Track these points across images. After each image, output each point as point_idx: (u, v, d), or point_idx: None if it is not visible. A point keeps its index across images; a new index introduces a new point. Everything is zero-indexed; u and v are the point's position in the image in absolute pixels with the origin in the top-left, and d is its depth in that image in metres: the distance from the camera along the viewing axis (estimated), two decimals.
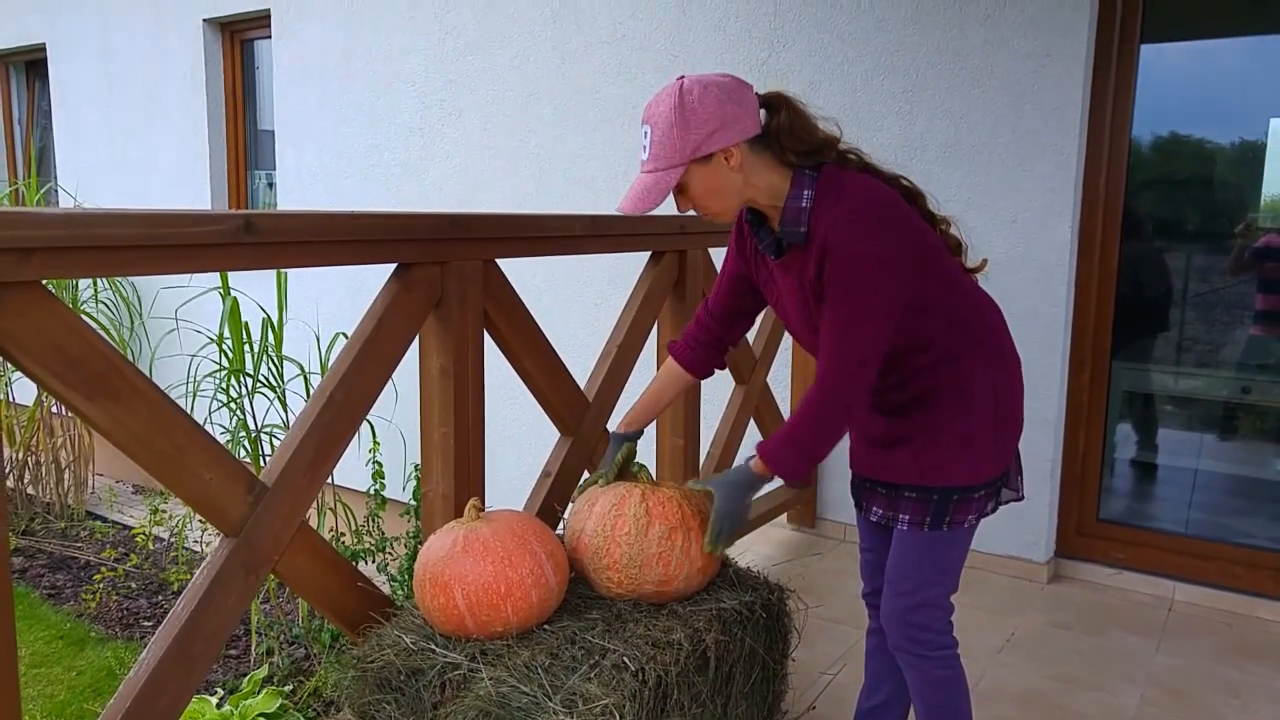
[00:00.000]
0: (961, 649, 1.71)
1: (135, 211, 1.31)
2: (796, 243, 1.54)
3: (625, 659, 1.57)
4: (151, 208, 1.35)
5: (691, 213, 1.59)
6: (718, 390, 3.01)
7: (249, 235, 1.43)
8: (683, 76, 1.49)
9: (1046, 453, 2.98)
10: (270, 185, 5.30)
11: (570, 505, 1.95)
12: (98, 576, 4.47)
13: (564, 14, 3.82)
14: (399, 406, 3.92)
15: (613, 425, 2.33)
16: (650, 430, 2.64)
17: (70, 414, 5.48)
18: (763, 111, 1.53)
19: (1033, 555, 3.02)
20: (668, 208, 1.57)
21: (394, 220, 1.69)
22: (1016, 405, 1.67)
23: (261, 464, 3.91)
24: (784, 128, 1.50)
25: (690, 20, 3.51)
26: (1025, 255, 2.92)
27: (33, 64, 6.47)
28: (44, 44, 6.05)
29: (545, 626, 1.68)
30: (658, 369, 2.59)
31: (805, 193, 1.51)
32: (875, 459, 1.69)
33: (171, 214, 1.35)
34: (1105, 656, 2.54)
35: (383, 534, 3.59)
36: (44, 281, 1.22)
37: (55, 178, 6.20)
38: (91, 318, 5.24)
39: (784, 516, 3.42)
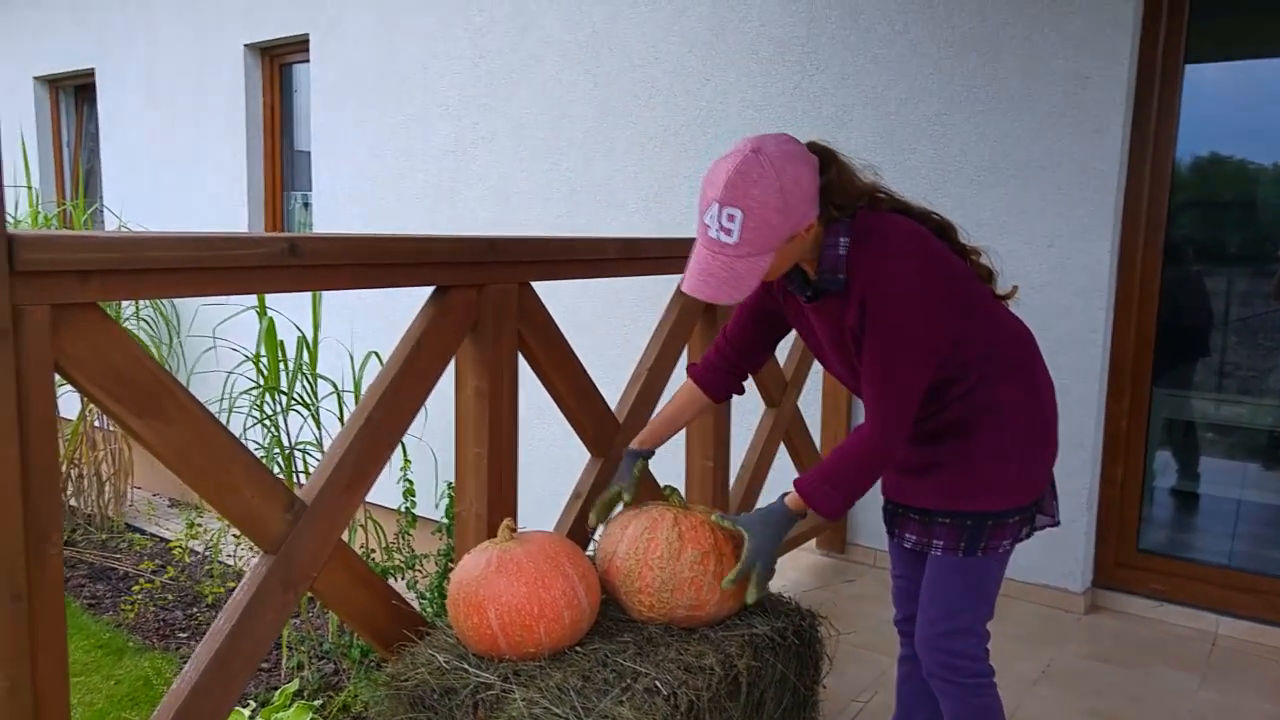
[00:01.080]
0: (996, 679, 1.69)
1: (186, 235, 1.34)
2: (835, 290, 1.53)
3: (657, 683, 1.57)
4: (199, 231, 1.39)
5: None
6: (747, 413, 3.01)
7: (293, 258, 1.46)
8: (758, 148, 1.42)
9: (1084, 480, 2.94)
10: (306, 206, 5.40)
11: (600, 526, 1.96)
12: (136, 588, 4.54)
13: (597, 38, 3.87)
14: (428, 424, 3.96)
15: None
16: (679, 452, 2.66)
17: (111, 428, 5.58)
18: None
19: (1069, 585, 2.97)
20: (692, 228, 1.56)
21: (433, 243, 1.72)
22: (1050, 430, 1.66)
23: (295, 480, 3.96)
24: (834, 185, 1.50)
25: (723, 44, 3.54)
26: (1062, 279, 2.90)
27: (82, 88, 6.65)
28: (93, 69, 6.23)
29: (577, 648, 1.68)
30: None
31: (841, 240, 1.50)
32: (908, 485, 1.68)
33: (220, 237, 1.39)
34: (1147, 691, 2.48)
35: (412, 551, 3.62)
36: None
37: (101, 198, 6.35)
38: (133, 335, 5.35)
39: (813, 541, 3.40)
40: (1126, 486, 3.01)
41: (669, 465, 2.54)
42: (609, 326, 3.93)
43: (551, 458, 3.95)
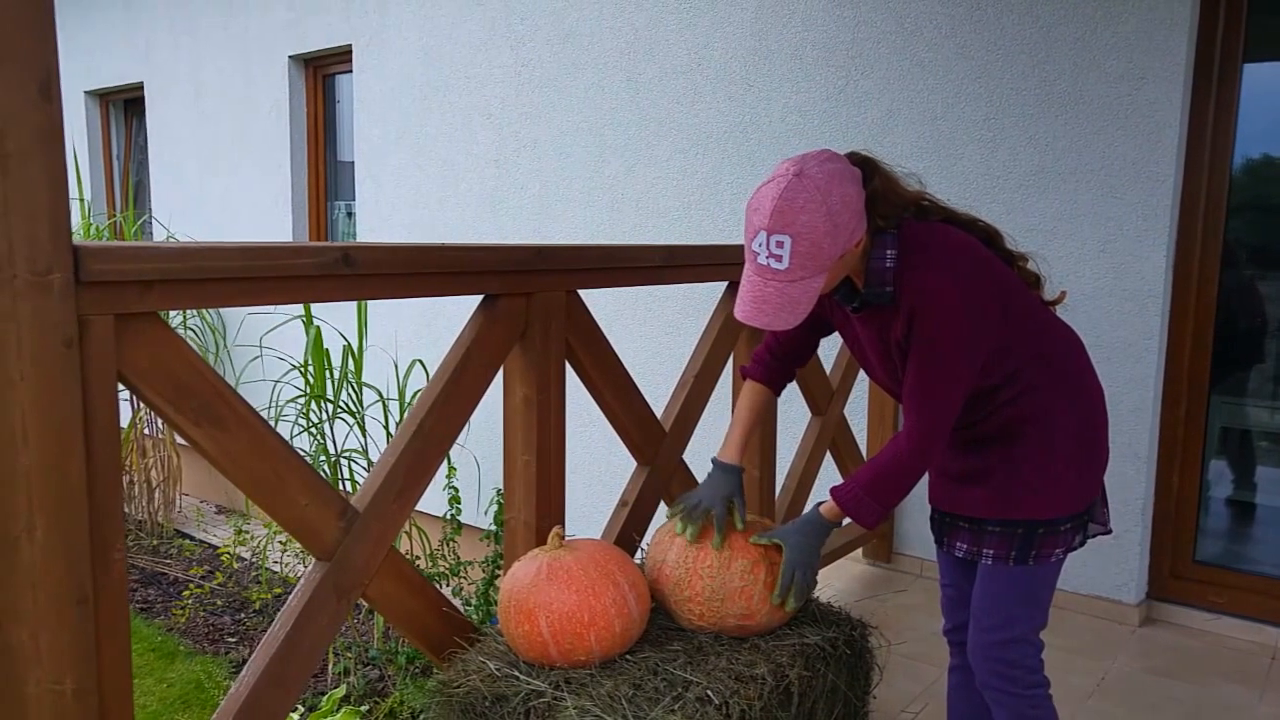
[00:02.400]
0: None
1: (242, 245, 1.36)
2: (883, 302, 1.53)
3: (709, 692, 1.56)
4: (254, 241, 1.41)
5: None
6: (793, 422, 2.98)
7: (346, 267, 1.47)
8: (800, 171, 1.42)
9: (1138, 490, 2.87)
10: (349, 215, 5.47)
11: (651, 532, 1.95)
12: (186, 593, 4.62)
13: (638, 44, 3.88)
14: (471, 432, 3.99)
15: (690, 455, 2.34)
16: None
17: (161, 435, 5.70)
18: None
19: (1123, 597, 2.90)
20: (741, 235, 1.55)
21: (482, 253, 1.72)
22: (1100, 436, 1.64)
23: (341, 487, 4.00)
24: (878, 194, 1.49)
25: (766, 48, 3.52)
26: (1115, 285, 2.84)
27: (131, 102, 6.82)
28: (141, 83, 6.38)
29: (627, 657, 1.67)
30: (733, 399, 2.59)
31: (888, 252, 1.50)
32: (957, 493, 1.67)
33: (275, 247, 1.40)
34: (1204, 706, 2.41)
35: (458, 558, 3.64)
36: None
37: (150, 210, 6.50)
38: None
39: (859, 551, 3.36)
40: (1183, 496, 2.94)
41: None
42: (651, 334, 3.93)
43: (593, 466, 3.95)
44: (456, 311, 1.75)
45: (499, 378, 1.85)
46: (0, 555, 1.08)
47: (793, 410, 2.97)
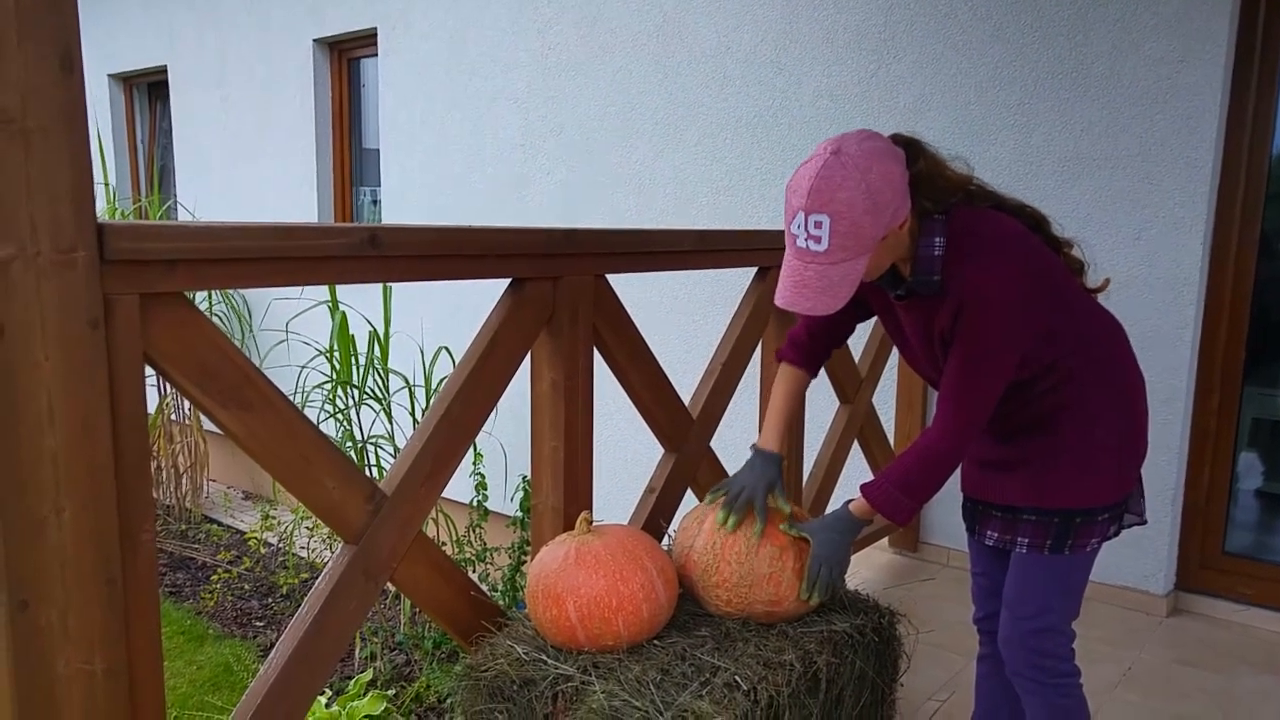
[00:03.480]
0: None
1: (268, 225, 1.35)
2: (930, 292, 1.50)
3: (737, 678, 1.54)
4: (281, 222, 1.40)
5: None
6: (821, 410, 2.95)
7: (373, 248, 1.46)
8: (838, 149, 1.38)
9: (1169, 480, 2.82)
10: (375, 202, 5.48)
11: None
12: (214, 577, 4.67)
13: (667, 28, 3.84)
14: (498, 420, 3.98)
15: (717, 442, 2.31)
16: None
17: (188, 421, 5.75)
18: None
19: (1151, 587, 2.86)
20: (773, 223, 1.52)
21: (510, 235, 1.71)
22: (1140, 426, 1.62)
23: (368, 473, 4.02)
24: (923, 177, 1.45)
25: (797, 32, 3.47)
26: (1150, 273, 2.78)
27: (154, 85, 6.84)
28: (165, 66, 6.40)
29: (655, 642, 1.66)
30: (762, 386, 2.56)
31: (937, 239, 1.46)
32: (992, 481, 1.64)
33: (302, 227, 1.39)
34: (1233, 697, 2.37)
35: (484, 545, 3.64)
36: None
37: (175, 194, 6.54)
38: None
39: (885, 540, 3.32)
40: (1214, 487, 2.88)
41: (741, 459, 2.51)
42: (679, 319, 3.90)
43: (620, 452, 3.94)
44: (482, 299, 1.73)
45: (526, 363, 1.84)
46: (29, 536, 1.08)
47: (820, 398, 2.94)
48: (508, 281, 1.77)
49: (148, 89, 6.95)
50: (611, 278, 1.95)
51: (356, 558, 1.54)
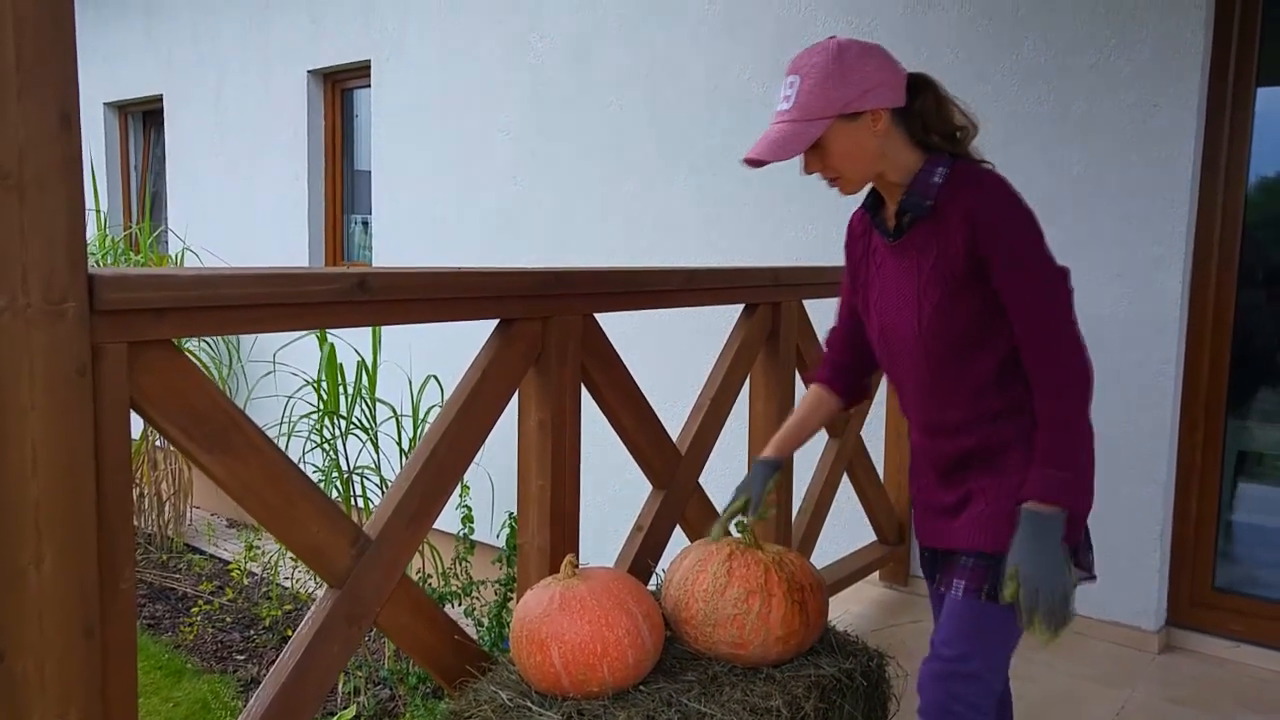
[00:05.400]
0: None
1: (258, 272, 1.35)
2: (920, 217, 1.47)
3: None
4: (270, 267, 1.40)
5: (817, 177, 1.50)
6: (808, 444, 2.95)
7: (362, 293, 1.46)
8: (833, 37, 1.46)
9: (1156, 515, 2.83)
10: (365, 227, 5.49)
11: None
12: (195, 609, 4.61)
13: (657, 65, 3.88)
14: (486, 450, 3.97)
15: (706, 479, 2.31)
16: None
17: (171, 449, 5.71)
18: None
19: (1142, 623, 2.86)
20: (759, 258, 1.53)
21: (499, 278, 1.71)
22: (1090, 478, 1.53)
23: (353, 504, 3.99)
24: (929, 109, 1.47)
25: (784, 70, 3.51)
26: (1131, 310, 2.81)
27: (150, 114, 6.87)
28: (161, 95, 6.43)
29: (641, 687, 1.65)
30: (750, 421, 2.57)
31: (939, 169, 1.46)
32: (944, 527, 1.57)
33: (291, 274, 1.39)
34: None
35: (470, 578, 3.62)
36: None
37: (166, 221, 6.54)
38: (194, 356, 5.47)
39: (876, 574, 3.32)
40: (1201, 521, 2.89)
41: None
42: (665, 355, 3.91)
43: (606, 488, 3.93)
44: (471, 329, 1.73)
45: (515, 398, 1.84)
46: (7, 586, 1.06)
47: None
48: (497, 321, 1.77)
49: (143, 116, 6.97)
50: (600, 314, 1.95)
51: (340, 602, 1.53)
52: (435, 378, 4.17)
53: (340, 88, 5.44)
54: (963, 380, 1.50)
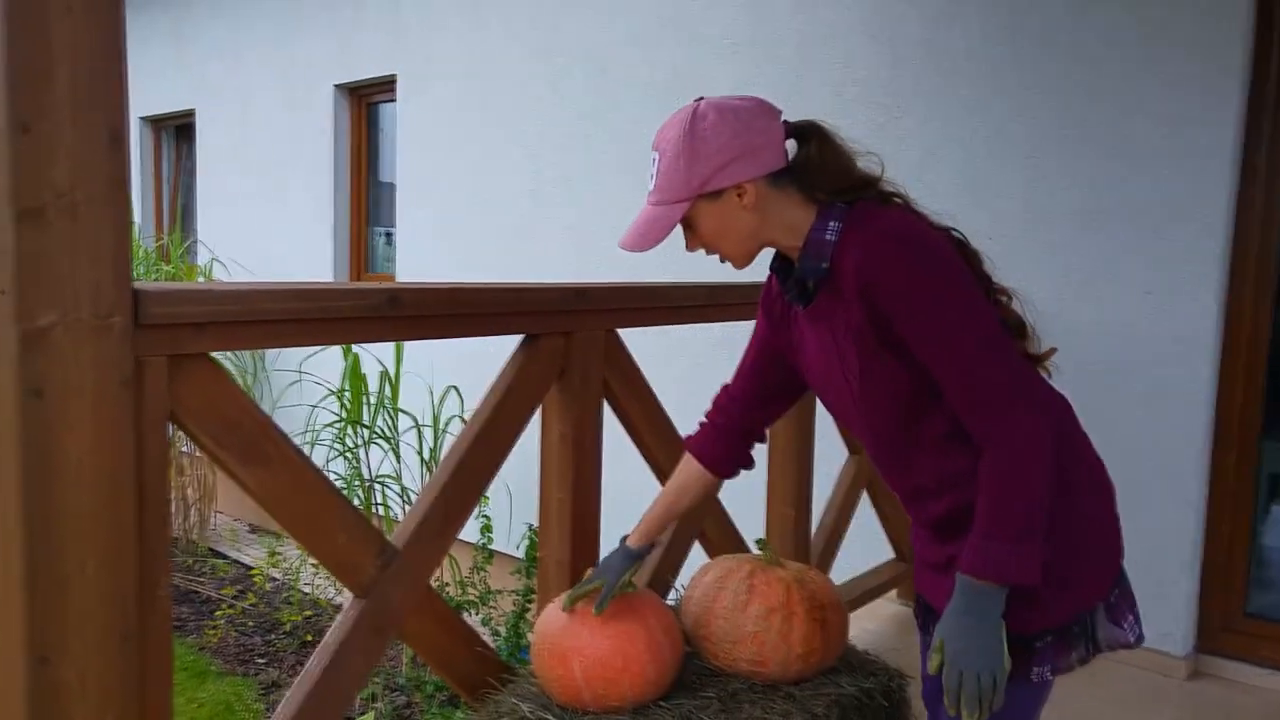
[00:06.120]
0: None
1: (293, 287, 1.38)
2: (819, 280, 1.33)
3: None
4: (304, 283, 1.43)
5: (704, 253, 1.41)
6: (827, 460, 2.95)
7: (392, 309, 1.49)
8: (700, 99, 1.33)
9: (1187, 538, 2.80)
10: (388, 241, 5.55)
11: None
12: (218, 613, 4.66)
13: (677, 80, 3.91)
14: (505, 462, 4.00)
15: (725, 495, 2.32)
16: (760, 499, 2.62)
17: (198, 454, 5.78)
18: (792, 142, 1.35)
19: (1171, 649, 2.83)
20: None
21: (525, 294, 1.74)
22: (1103, 534, 1.36)
23: (374, 512, 4.03)
24: (813, 161, 1.32)
25: (805, 85, 3.53)
26: (1162, 328, 2.79)
27: (182, 128, 6.99)
28: (193, 110, 6.54)
29: (661, 703, 1.66)
30: (770, 436, 2.57)
31: (831, 224, 1.30)
32: (931, 580, 1.44)
33: (324, 289, 1.43)
34: None
35: (488, 587, 3.64)
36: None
37: (196, 232, 6.64)
38: (232, 376, 5.52)
39: (893, 592, 3.31)
40: (1233, 545, 2.86)
41: (750, 512, 2.51)
42: (681, 367, 3.92)
43: (626, 500, 3.94)
44: (490, 340, 1.76)
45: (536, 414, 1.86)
46: (52, 592, 1.10)
47: (828, 449, 2.94)
48: (521, 336, 1.80)
49: (175, 131, 7.10)
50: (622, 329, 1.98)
51: (365, 612, 1.55)
52: (455, 388, 4.21)
53: (366, 102, 5.52)
54: (917, 445, 1.35)
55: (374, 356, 4.40)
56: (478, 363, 4.31)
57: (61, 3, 1.04)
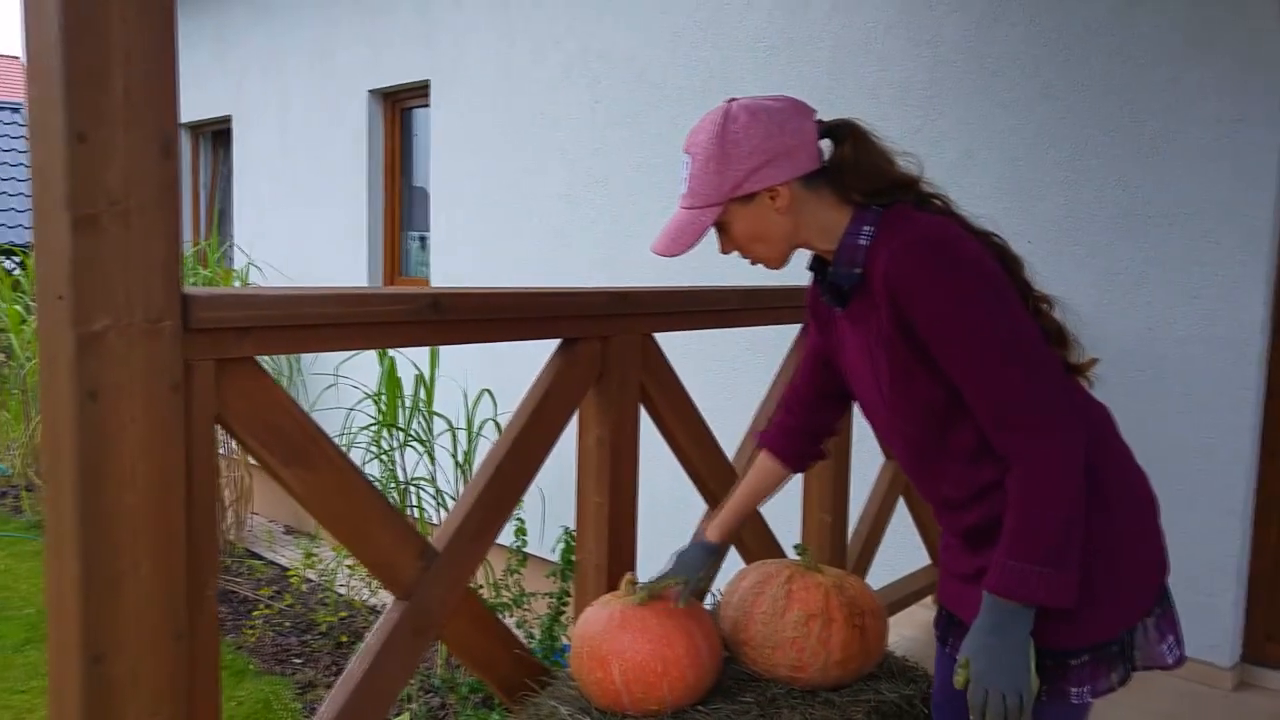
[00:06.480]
0: None
1: (337, 292, 1.40)
2: (853, 285, 1.32)
3: None
4: (347, 288, 1.45)
5: (737, 255, 1.39)
6: (863, 464, 2.93)
7: (434, 313, 1.50)
8: (732, 100, 1.31)
9: (1232, 546, 2.74)
10: (422, 245, 5.59)
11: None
12: (255, 613, 4.72)
13: (713, 83, 3.90)
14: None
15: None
16: (796, 504, 2.60)
17: (235, 455, 5.86)
18: (827, 142, 1.34)
19: (1216, 659, 2.77)
20: (806, 275, 1.51)
21: (564, 298, 1.75)
22: (1141, 546, 1.31)
23: (409, 515, 4.06)
24: (848, 162, 1.30)
25: (842, 87, 3.51)
26: (1208, 333, 2.73)
27: (219, 134, 7.11)
28: (230, 116, 6.65)
29: (699, 707, 1.65)
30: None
31: (865, 228, 1.29)
32: (957, 591, 1.40)
33: (367, 294, 1.44)
34: None
35: (521, 590, 3.65)
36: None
37: (232, 237, 6.74)
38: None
39: (929, 597, 3.27)
40: None
41: (786, 516, 2.50)
42: (715, 369, 3.91)
43: (658, 507, 3.93)
44: (523, 343, 1.77)
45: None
46: (107, 590, 1.12)
47: (865, 453, 2.92)
48: (559, 340, 1.80)
49: (212, 136, 7.21)
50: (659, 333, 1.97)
51: (407, 614, 1.56)
52: (489, 392, 4.23)
53: (400, 107, 5.57)
54: (947, 454, 1.33)
55: (409, 360, 4.43)
56: (510, 365, 4.33)
57: (117, 13, 1.06)
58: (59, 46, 1.02)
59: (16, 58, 24.21)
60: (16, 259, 8.03)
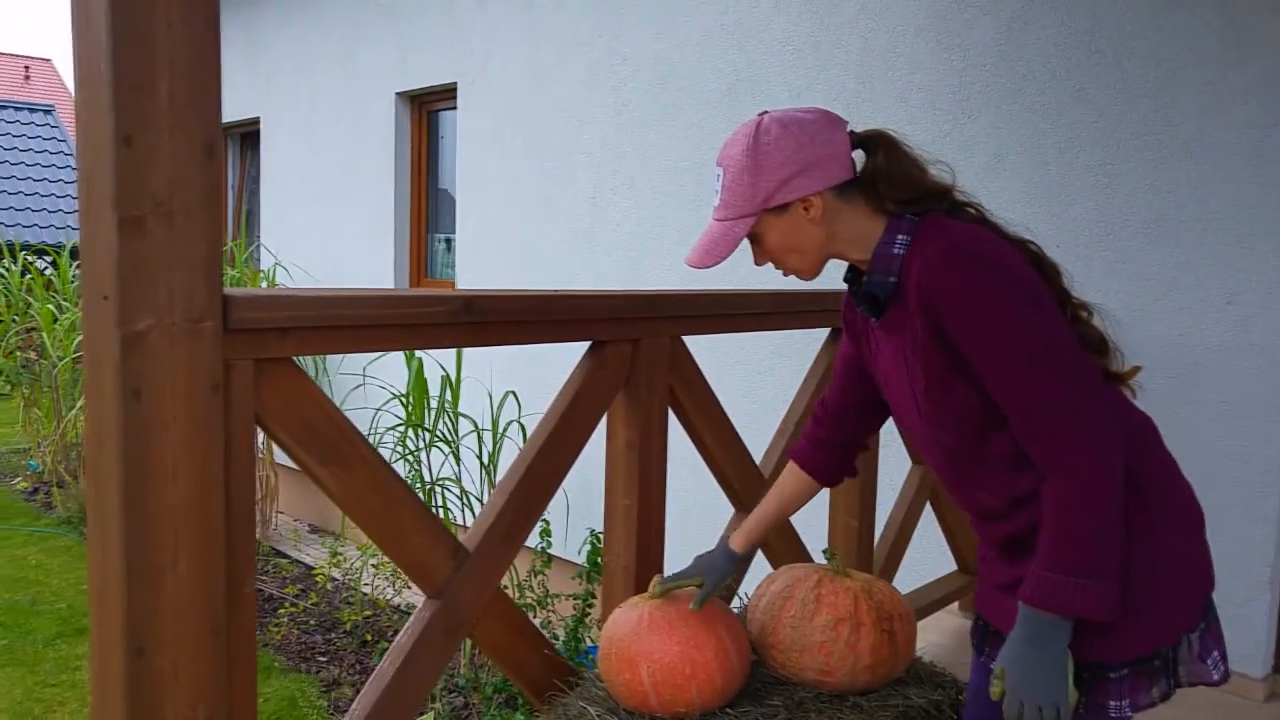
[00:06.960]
0: None
1: (373, 293, 1.42)
2: (888, 295, 1.33)
3: None
4: (382, 289, 1.46)
5: (771, 267, 1.41)
6: (891, 470, 2.92)
7: (467, 315, 1.52)
8: (765, 112, 1.34)
9: (1265, 555, 2.70)
10: (448, 246, 5.63)
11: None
12: (281, 610, 4.77)
13: (740, 86, 3.90)
14: None
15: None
16: (823, 509, 2.60)
17: (261, 454, 5.92)
18: (859, 152, 1.35)
19: (1248, 670, 2.73)
20: (837, 279, 1.52)
21: (594, 300, 1.75)
22: (1185, 556, 1.30)
23: (434, 514, 4.08)
24: (880, 172, 1.31)
25: (870, 91, 3.50)
26: (1243, 339, 2.70)
27: (247, 135, 7.19)
28: (258, 118, 6.72)
29: (727, 710, 1.65)
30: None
31: (900, 238, 1.30)
32: (995, 599, 1.39)
33: (401, 295, 1.46)
34: None
35: (546, 591, 3.66)
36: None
37: (259, 238, 6.81)
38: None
39: (955, 604, 3.25)
40: None
41: (812, 522, 2.49)
42: (743, 373, 3.91)
43: (686, 510, 3.94)
44: (550, 346, 1.77)
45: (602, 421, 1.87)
46: (148, 586, 1.13)
47: (892, 458, 2.91)
48: (589, 343, 1.81)
49: (240, 138, 7.30)
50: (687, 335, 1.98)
51: (438, 613, 1.57)
52: (514, 393, 4.25)
53: (426, 109, 5.61)
54: (983, 464, 1.33)
55: (435, 361, 4.46)
56: (535, 367, 4.36)
57: (162, 19, 1.08)
58: (107, 53, 1.04)
59: (20, 56, 24.53)
60: (49, 259, 8.16)
